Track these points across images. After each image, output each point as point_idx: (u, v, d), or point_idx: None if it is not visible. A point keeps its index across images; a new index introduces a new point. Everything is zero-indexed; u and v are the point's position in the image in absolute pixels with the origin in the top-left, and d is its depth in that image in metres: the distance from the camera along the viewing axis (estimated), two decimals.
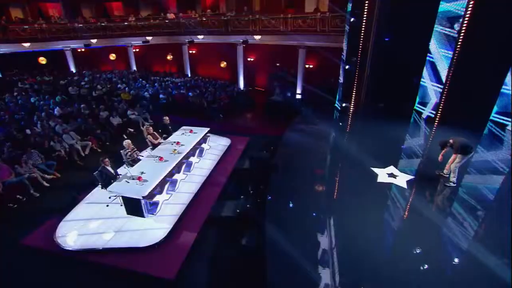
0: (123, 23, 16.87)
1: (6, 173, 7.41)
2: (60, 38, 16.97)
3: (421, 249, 4.78)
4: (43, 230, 6.42)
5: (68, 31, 16.81)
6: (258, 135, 10.82)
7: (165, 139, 8.94)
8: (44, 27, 16.31)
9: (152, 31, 16.65)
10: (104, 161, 6.99)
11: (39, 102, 11.66)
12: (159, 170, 7.09)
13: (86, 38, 17.08)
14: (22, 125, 9.59)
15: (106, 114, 10.62)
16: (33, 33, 16.23)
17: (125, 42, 18.75)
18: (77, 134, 9.77)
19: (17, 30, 15.81)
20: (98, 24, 16.85)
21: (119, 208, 6.94)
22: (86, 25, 16.96)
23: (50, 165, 8.56)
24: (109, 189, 6.44)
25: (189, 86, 14.27)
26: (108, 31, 17.01)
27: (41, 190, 8.04)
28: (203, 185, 7.88)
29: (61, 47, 18.54)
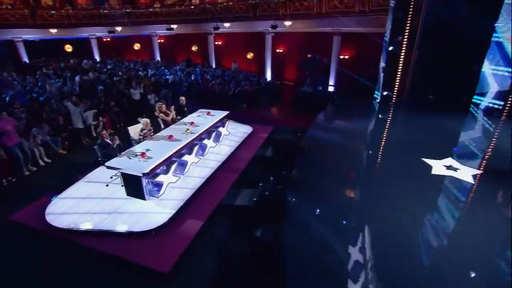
0: (148, 10, 16.78)
1: (15, 140, 6.98)
2: (85, 25, 17.28)
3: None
4: (34, 207, 5.84)
5: (93, 18, 17.01)
6: (284, 127, 9.83)
7: (179, 120, 8.21)
8: (70, 13, 16.58)
9: (177, 18, 16.39)
10: (102, 133, 6.35)
11: (57, 84, 11.50)
12: (166, 148, 6.31)
13: (110, 25, 17.15)
14: (40, 100, 9.32)
15: (127, 88, 10.15)
16: (60, 19, 16.54)
17: (149, 31, 18.77)
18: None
19: (45, 15, 16.18)
20: (123, 11, 16.87)
21: (119, 189, 6.21)
22: (111, 11, 17.01)
23: (56, 141, 8.11)
24: (107, 163, 5.73)
25: (217, 75, 13.68)
26: (132, 17, 17.03)
27: (39, 167, 7.59)
28: (217, 170, 7.00)
29: (87, 35, 18.90)
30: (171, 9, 16.35)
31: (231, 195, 6.06)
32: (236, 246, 4.80)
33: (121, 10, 17.03)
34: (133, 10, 16.95)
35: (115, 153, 6.28)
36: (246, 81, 13.12)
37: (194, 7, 15.62)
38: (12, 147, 6.92)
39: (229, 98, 11.86)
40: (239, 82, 12.67)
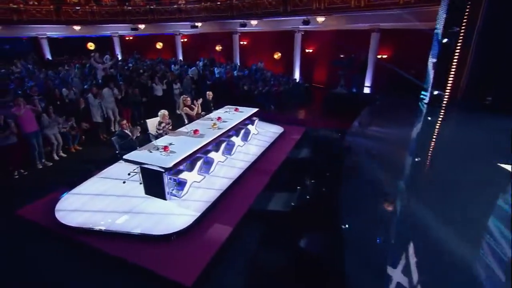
0: (172, 6, 16.78)
1: (33, 126, 6.71)
2: (108, 22, 17.46)
3: None
4: (43, 202, 5.46)
5: (116, 14, 17.22)
6: (318, 129, 9.15)
7: (204, 116, 7.74)
8: (94, 9, 16.83)
9: (202, 15, 16.26)
10: (122, 123, 5.92)
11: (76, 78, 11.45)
12: (191, 143, 5.80)
13: (134, 22, 17.27)
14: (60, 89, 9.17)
15: (149, 82, 9.85)
16: (84, 15, 16.85)
17: (172, 30, 18.74)
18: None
19: (70, 11, 16.52)
20: (147, 7, 16.96)
21: (137, 187, 5.74)
22: (135, 8, 17.15)
23: (74, 137, 7.82)
24: (125, 156, 5.26)
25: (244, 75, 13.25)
26: (156, 14, 17.08)
27: (54, 161, 7.28)
28: (246, 171, 6.40)
29: (109, 33, 19.12)
30: (196, 6, 16.24)
31: (263, 199, 5.42)
32: (271, 257, 4.14)
33: (145, 6, 17.11)
34: (157, 7, 16.99)
35: (134, 145, 5.83)
36: (275, 81, 12.59)
37: (220, 3, 15.41)
38: (29, 135, 6.64)
39: (256, 97, 11.33)
40: (267, 82, 12.15)
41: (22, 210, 5.25)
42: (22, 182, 6.42)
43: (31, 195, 5.72)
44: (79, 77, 9.92)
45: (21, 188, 6.19)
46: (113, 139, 5.94)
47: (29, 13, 15.52)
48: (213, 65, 13.79)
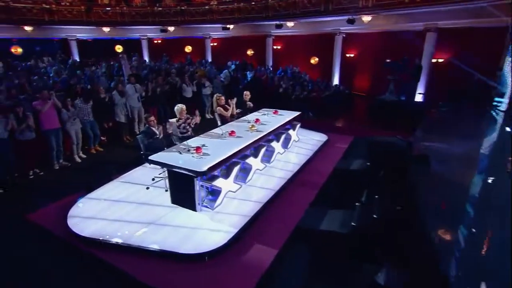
0: (204, 7, 16.70)
1: (54, 123, 6.38)
2: (138, 23, 17.69)
3: None
4: (56, 207, 4.98)
5: (146, 16, 17.42)
6: (366, 138, 8.27)
7: (239, 118, 7.13)
8: (124, 10, 17.12)
9: (234, 17, 16.01)
10: (149, 119, 5.39)
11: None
12: (227, 146, 5.15)
13: (164, 23, 17.36)
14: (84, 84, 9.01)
15: (179, 82, 9.46)
16: (114, 17, 17.18)
17: (202, 33, 18.73)
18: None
19: (100, 12, 16.90)
20: (178, 8, 17.00)
21: (163, 194, 5.14)
22: (165, 9, 17.31)
23: (95, 136, 7.44)
24: (152, 157, 4.68)
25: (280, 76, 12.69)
26: (186, 16, 17.07)
27: (73, 162, 6.89)
28: (288, 182, 5.64)
29: (138, 36, 19.43)
30: (229, 7, 16.03)
31: (312, 216, 4.61)
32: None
33: (176, 7, 17.17)
34: (188, 8, 16.99)
35: (161, 146, 5.26)
36: (313, 86, 11.87)
37: (254, 3, 15.08)
38: (48, 132, 6.29)
39: (293, 103, 10.64)
40: (304, 87, 11.46)
41: (33, 214, 4.78)
42: (37, 183, 6.03)
43: (45, 197, 5.32)
44: (106, 76, 9.72)
45: (35, 189, 5.79)
46: (139, 137, 5.41)
47: (60, 13, 15.97)
48: (245, 69, 13.32)
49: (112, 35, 18.96)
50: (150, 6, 17.46)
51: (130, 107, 8.21)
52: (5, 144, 5.70)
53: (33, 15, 15.28)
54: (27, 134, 6.05)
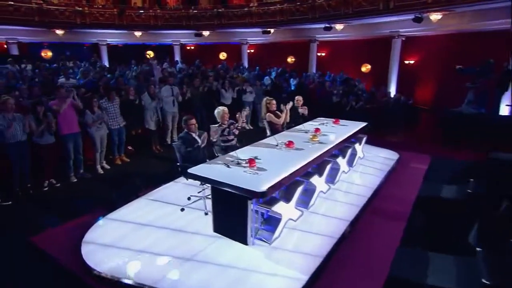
0: (242, 9, 16.31)
1: (73, 127, 5.82)
2: (171, 27, 17.62)
3: None
4: (69, 228, 4.25)
5: (180, 19, 17.34)
6: (440, 158, 7.07)
7: (289, 127, 6.24)
8: (158, 13, 17.15)
9: (276, 19, 15.44)
10: (190, 123, 4.60)
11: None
12: (286, 159, 4.23)
13: (198, 27, 17.22)
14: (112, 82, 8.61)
15: (218, 86, 8.82)
16: (146, 20, 17.26)
17: (239, 38, 18.45)
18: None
19: (133, 15, 17.05)
20: (214, 11, 16.75)
21: (202, 218, 4.30)
22: (200, 12, 17.16)
23: (120, 144, 6.82)
24: (191, 170, 3.84)
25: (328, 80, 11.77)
26: (223, 19, 16.76)
27: (94, 173, 6.27)
28: (361, 211, 4.59)
29: (170, 42, 19.47)
30: (270, 8, 15.52)
31: (408, 261, 3.53)
32: None
33: (212, 10, 16.96)
34: (225, 10, 16.70)
35: (202, 157, 4.43)
36: (369, 96, 10.81)
37: (299, 4, 14.42)
38: (65, 137, 5.71)
39: (348, 114, 9.61)
40: (359, 96, 10.42)
41: (39, 236, 4.06)
42: (51, 196, 5.38)
43: (57, 215, 4.62)
44: (136, 78, 9.27)
45: (47, 204, 5.13)
46: (175, 145, 4.62)
47: (92, 16, 16.22)
48: (290, 76, 12.52)
49: (144, 40, 19.12)
50: (185, 8, 17.37)
51: (163, 112, 7.58)
52: (23, 147, 5.21)
53: (65, 18, 15.60)
54: (46, 138, 5.49)
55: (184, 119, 4.60)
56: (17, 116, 5.18)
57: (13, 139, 5.06)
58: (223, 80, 9.27)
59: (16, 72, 8.98)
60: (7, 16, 13.84)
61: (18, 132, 5.12)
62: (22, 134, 5.18)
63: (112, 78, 9.70)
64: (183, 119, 4.63)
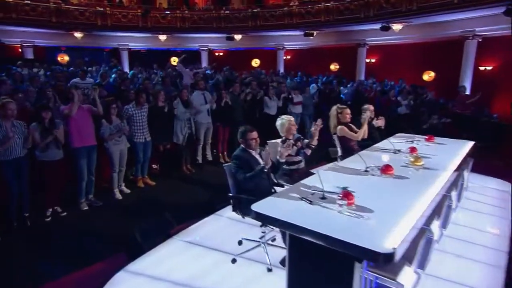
0: (282, 9, 15.53)
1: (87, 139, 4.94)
2: (200, 29, 17.09)
3: None
4: (72, 284, 3.19)
5: (210, 21, 16.80)
6: None
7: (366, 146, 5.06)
8: (186, 15, 16.70)
9: (320, 20, 14.51)
10: (249, 136, 3.49)
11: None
12: (392, 193, 3.09)
13: (230, 30, 16.62)
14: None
15: (261, 94, 7.81)
16: (173, 22, 16.84)
17: (274, 43, 17.79)
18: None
19: (158, 16, 16.66)
20: (249, 11, 16.08)
21: (265, 277, 3.16)
22: (233, 13, 16.59)
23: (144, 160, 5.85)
24: (256, 207, 2.75)
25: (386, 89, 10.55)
26: (259, 20, 16.06)
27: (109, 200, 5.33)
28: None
29: (197, 47, 19.03)
30: (314, 7, 14.62)
31: None
32: None
33: (246, 11, 16.31)
34: (261, 10, 15.98)
35: (266, 185, 3.32)
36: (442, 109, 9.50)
37: (350, 1, 13.41)
38: (78, 151, 4.81)
39: (420, 129, 8.34)
40: (434, 108, 9.14)
41: None
42: (54, 231, 4.41)
43: (60, 260, 3.63)
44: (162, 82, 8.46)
45: (49, 242, 4.15)
46: (228, 167, 3.54)
47: (114, 17, 15.94)
48: (339, 83, 11.39)
49: (168, 45, 18.76)
50: (216, 9, 16.85)
51: (195, 124, 6.63)
52: (22, 165, 4.34)
53: (84, 19, 15.35)
54: (52, 152, 4.57)
55: (242, 131, 3.51)
56: (18, 124, 4.32)
57: (9, 155, 4.18)
58: (267, 87, 8.26)
59: (25, 75, 8.35)
60: (22, 16, 13.67)
61: (17, 146, 4.24)
62: (22, 148, 4.31)
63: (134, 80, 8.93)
64: (240, 131, 3.54)
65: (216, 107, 6.90)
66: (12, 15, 13.42)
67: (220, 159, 7.35)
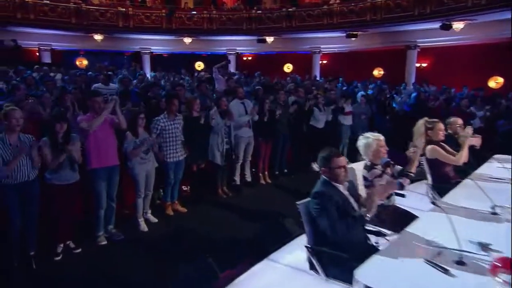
0: (320, 8, 14.92)
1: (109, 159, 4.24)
2: (228, 31, 16.77)
3: None
4: None
5: (240, 21, 16.41)
6: None
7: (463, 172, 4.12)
8: (213, 15, 16.40)
9: (365, 19, 13.75)
10: (336, 162, 2.59)
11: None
12: None
13: (262, 32, 16.15)
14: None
15: (311, 103, 7.01)
16: (199, 23, 16.55)
17: (309, 46, 17.27)
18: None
19: (183, 17, 16.46)
20: (283, 11, 15.52)
21: None
22: (265, 13, 16.14)
23: (175, 182, 5.11)
24: (362, 275, 1.89)
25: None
26: (294, 21, 15.51)
27: (134, 231, 4.59)
28: None
29: (224, 51, 18.71)
30: (358, 5, 13.89)
31: None
32: None
33: (280, 10, 15.80)
34: (297, 10, 15.40)
35: (359, 235, 2.45)
36: None
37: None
38: (97, 173, 4.13)
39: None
40: None
41: None
42: (66, 276, 3.68)
43: None
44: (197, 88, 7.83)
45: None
46: (304, 207, 2.65)
47: (137, 18, 15.89)
48: (391, 90, 10.48)
49: (193, 49, 18.55)
50: (247, 9, 16.50)
51: (234, 138, 5.88)
52: (30, 190, 3.66)
53: (105, 20, 15.24)
54: (65, 174, 3.86)
55: (325, 157, 2.60)
56: (26, 138, 3.64)
57: (15, 178, 3.50)
58: (315, 95, 7.43)
59: (38, 80, 7.88)
60: (41, 17, 13.60)
61: (24, 167, 3.55)
62: (31, 169, 3.62)
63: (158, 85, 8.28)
64: (322, 157, 2.63)
65: (259, 118, 6.15)
66: (30, 15, 13.39)
67: (261, 180, 6.59)
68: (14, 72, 9.22)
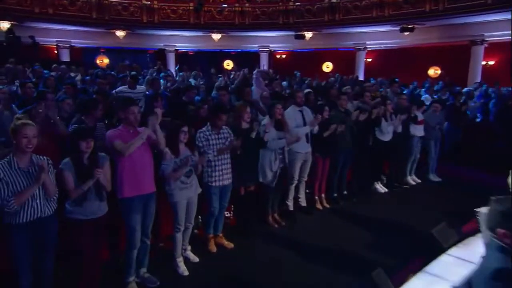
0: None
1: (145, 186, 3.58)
2: (263, 26, 16.42)
3: None
4: None
5: (275, 15, 16.00)
6: None
7: None
8: (246, 8, 16.09)
9: (424, 10, 12.84)
10: None
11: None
12: None
13: (300, 27, 15.64)
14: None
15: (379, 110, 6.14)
16: (230, 17, 16.22)
17: (353, 42, 16.68)
18: None
19: (213, 11, 16.18)
20: (326, 2, 14.89)
21: None
22: (304, 5, 15.62)
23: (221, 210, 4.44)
24: None
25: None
26: (338, 13, 14.91)
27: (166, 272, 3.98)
28: None
29: (256, 48, 18.44)
30: None
31: None
32: None
33: (322, 2, 15.18)
34: (342, 1, 14.73)
35: None
36: None
37: None
38: (130, 203, 3.49)
39: None
40: None
41: None
42: None
43: None
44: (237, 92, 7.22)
45: None
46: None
47: (162, 12, 15.76)
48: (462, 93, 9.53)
49: (222, 46, 18.29)
50: (283, 1, 16.01)
51: (289, 155, 5.16)
52: (45, 231, 3.04)
53: (128, 15, 15.14)
54: (90, 205, 3.21)
55: (508, 213, 1.78)
56: (39, 161, 2.98)
57: (23, 215, 2.87)
58: (384, 101, 6.60)
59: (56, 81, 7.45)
60: (60, 11, 13.50)
61: (36, 200, 2.91)
62: (44, 203, 2.98)
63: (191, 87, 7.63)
64: (502, 212, 1.77)
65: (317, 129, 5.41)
66: (48, 10, 13.31)
67: (317, 204, 5.84)
68: (32, 71, 8.91)
